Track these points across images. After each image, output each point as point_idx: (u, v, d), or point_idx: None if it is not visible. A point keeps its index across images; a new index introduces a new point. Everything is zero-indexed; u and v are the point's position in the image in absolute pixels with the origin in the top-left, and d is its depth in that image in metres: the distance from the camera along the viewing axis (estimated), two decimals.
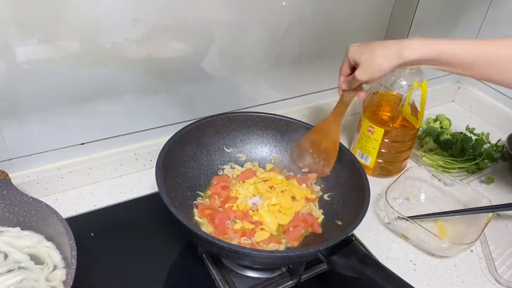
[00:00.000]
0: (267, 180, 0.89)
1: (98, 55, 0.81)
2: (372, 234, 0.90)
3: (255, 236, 0.78)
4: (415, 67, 0.91)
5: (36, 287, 0.66)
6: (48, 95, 0.81)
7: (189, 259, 0.80)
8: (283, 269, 0.79)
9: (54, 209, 0.70)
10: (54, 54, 0.78)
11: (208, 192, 0.87)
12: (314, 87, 1.14)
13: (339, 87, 0.83)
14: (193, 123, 0.87)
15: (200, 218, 0.81)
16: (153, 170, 0.76)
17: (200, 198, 0.86)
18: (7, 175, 0.78)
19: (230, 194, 0.86)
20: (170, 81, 0.93)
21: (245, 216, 0.81)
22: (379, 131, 0.97)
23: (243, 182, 0.89)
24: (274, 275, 0.78)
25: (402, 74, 0.93)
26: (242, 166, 0.94)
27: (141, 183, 0.96)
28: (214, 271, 0.77)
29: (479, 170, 1.08)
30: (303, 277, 0.78)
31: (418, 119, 0.95)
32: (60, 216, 0.69)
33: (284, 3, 0.94)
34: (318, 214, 0.86)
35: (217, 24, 0.90)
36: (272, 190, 0.87)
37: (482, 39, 0.71)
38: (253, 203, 0.84)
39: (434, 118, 1.23)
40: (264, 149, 0.96)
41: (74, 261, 0.63)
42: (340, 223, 0.82)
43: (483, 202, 0.90)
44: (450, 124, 1.20)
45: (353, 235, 0.87)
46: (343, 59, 0.80)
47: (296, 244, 0.79)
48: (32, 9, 0.71)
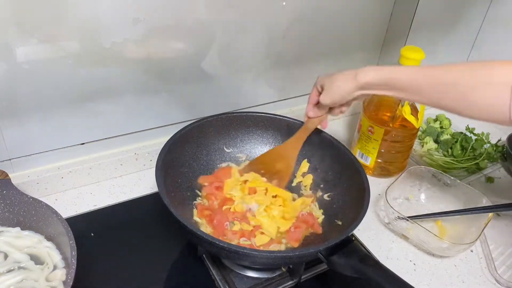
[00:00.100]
0: (247, 181, 0.87)
1: (98, 55, 0.81)
2: (372, 234, 0.90)
3: (255, 240, 0.78)
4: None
5: (36, 287, 0.66)
6: (48, 95, 0.81)
7: (189, 259, 0.80)
8: (283, 269, 0.79)
9: (54, 209, 0.70)
10: (54, 54, 0.78)
11: (204, 193, 0.87)
12: None
13: (306, 114, 0.87)
14: (193, 123, 0.87)
15: (199, 218, 0.81)
16: (153, 170, 0.76)
17: (199, 198, 0.86)
18: (7, 175, 0.78)
19: (225, 196, 0.85)
20: (170, 81, 0.93)
21: (243, 218, 0.81)
22: (379, 131, 0.97)
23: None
24: (274, 275, 0.78)
25: None
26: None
27: (141, 183, 0.96)
28: (214, 271, 0.77)
29: (479, 170, 1.08)
30: (303, 277, 0.78)
31: (418, 119, 0.95)
32: (60, 216, 0.69)
33: (284, 3, 0.94)
34: (318, 214, 0.86)
35: (217, 24, 0.90)
36: (265, 195, 0.85)
37: (433, 65, 0.71)
38: (249, 208, 0.83)
39: (434, 118, 1.23)
40: (264, 149, 0.96)
41: (74, 261, 0.63)
42: (340, 223, 0.82)
43: (483, 202, 0.90)
44: (450, 124, 1.20)
45: (353, 235, 0.87)
46: (311, 89, 0.84)
47: (296, 244, 0.79)
48: (32, 9, 0.71)
